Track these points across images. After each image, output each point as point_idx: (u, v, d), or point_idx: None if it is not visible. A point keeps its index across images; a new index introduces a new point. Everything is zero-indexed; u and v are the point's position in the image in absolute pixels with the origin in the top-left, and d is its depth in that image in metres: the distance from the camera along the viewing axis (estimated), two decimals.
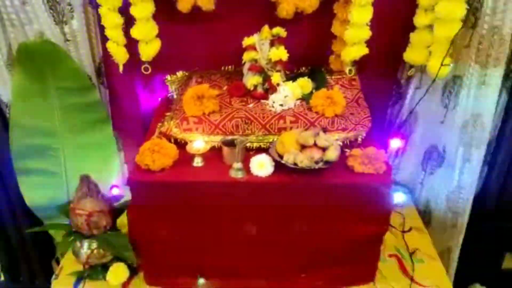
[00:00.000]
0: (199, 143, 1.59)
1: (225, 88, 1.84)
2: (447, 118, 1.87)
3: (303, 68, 1.95)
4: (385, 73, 1.97)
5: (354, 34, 1.72)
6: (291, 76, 1.83)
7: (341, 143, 1.62)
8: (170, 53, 1.85)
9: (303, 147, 1.53)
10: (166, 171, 1.54)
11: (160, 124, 1.74)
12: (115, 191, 1.95)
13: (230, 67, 1.96)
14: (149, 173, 1.53)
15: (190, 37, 1.88)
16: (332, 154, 1.47)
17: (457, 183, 1.88)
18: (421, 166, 2.06)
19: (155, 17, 1.75)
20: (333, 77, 1.91)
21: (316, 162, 1.46)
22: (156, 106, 1.97)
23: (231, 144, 1.57)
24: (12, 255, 2.23)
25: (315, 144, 1.51)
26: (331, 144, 1.51)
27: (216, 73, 1.93)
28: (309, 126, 1.65)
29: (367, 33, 1.72)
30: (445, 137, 1.89)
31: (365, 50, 1.75)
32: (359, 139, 1.66)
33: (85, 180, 1.72)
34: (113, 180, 2.02)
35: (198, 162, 1.59)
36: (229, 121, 1.65)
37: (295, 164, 1.47)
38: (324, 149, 1.51)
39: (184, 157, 1.58)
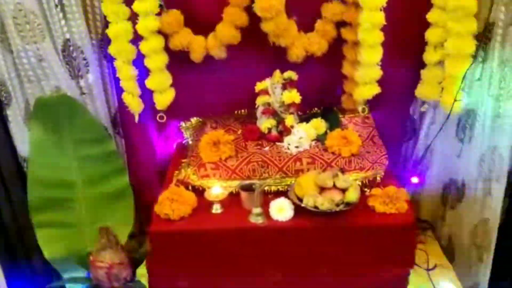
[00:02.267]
0: (217, 189, 1.59)
1: (239, 132, 1.85)
2: (464, 152, 1.84)
3: (316, 109, 1.95)
4: (398, 110, 1.98)
5: (365, 74, 1.74)
6: (304, 118, 1.84)
7: (360, 183, 1.60)
8: (184, 101, 1.88)
9: (322, 189, 1.52)
10: (186, 220, 1.54)
11: (177, 172, 1.74)
12: (133, 242, 1.93)
13: (243, 111, 1.98)
14: (169, 222, 1.52)
15: (203, 85, 1.91)
16: (353, 196, 1.46)
17: (480, 217, 1.83)
18: (441, 201, 2.02)
19: (168, 67, 1.78)
20: (346, 116, 1.92)
21: (337, 205, 1.44)
22: (171, 154, 1.97)
23: (249, 188, 1.57)
24: None
25: (334, 186, 1.50)
26: (351, 185, 1.50)
27: (229, 117, 1.95)
28: (326, 167, 1.64)
29: (377, 73, 1.73)
30: (463, 171, 1.86)
31: (377, 89, 1.77)
32: (378, 178, 1.64)
33: (105, 231, 1.70)
34: (131, 229, 2.00)
35: (217, 208, 1.58)
36: (245, 165, 1.65)
37: (316, 207, 1.46)
38: (343, 190, 1.49)
39: (203, 204, 1.58)
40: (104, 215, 1.88)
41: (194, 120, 1.98)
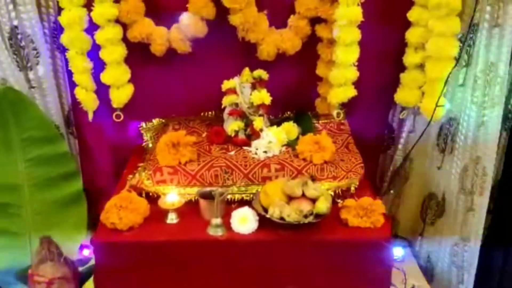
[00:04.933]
0: (173, 196, 1.44)
1: (204, 135, 1.71)
2: (445, 163, 1.73)
3: (288, 113, 1.84)
4: (375, 116, 1.87)
5: (340, 75, 1.61)
6: (275, 121, 1.73)
7: (332, 193, 1.47)
8: (145, 99, 1.75)
9: (290, 198, 1.38)
10: (135, 230, 1.38)
11: (131, 176, 1.58)
12: (85, 252, 1.78)
13: (210, 113, 1.85)
14: (116, 232, 1.36)
15: (165, 82, 1.78)
16: (323, 206, 1.32)
17: (461, 234, 1.71)
18: (420, 216, 1.90)
19: (127, 60, 1.65)
20: (320, 121, 1.81)
21: (305, 216, 1.30)
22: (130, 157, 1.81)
23: (209, 196, 1.41)
24: None
25: (303, 195, 1.36)
26: (321, 194, 1.35)
27: (195, 119, 1.82)
28: (296, 175, 1.50)
29: (353, 74, 1.61)
30: (444, 184, 1.75)
31: (352, 92, 1.64)
32: (352, 188, 1.51)
33: (45, 242, 1.53)
34: (83, 239, 1.83)
35: (172, 218, 1.43)
36: (207, 170, 1.50)
37: (282, 218, 1.31)
38: (313, 200, 1.35)
39: (157, 213, 1.43)
40: (54, 223, 1.76)
41: (155, 121, 1.84)
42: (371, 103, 1.79)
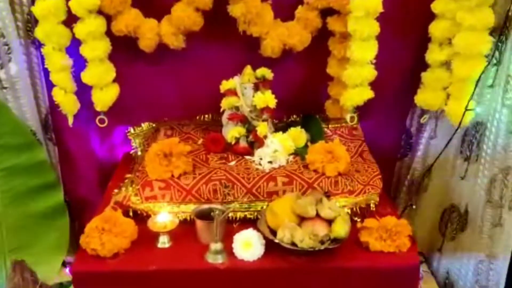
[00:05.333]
0: (164, 216, 1.25)
1: (200, 142, 1.54)
2: (469, 173, 1.57)
3: (294, 116, 1.67)
4: (391, 120, 1.70)
5: (356, 75, 1.44)
6: (280, 126, 1.57)
7: (349, 211, 1.29)
8: (132, 101, 1.59)
9: (302, 218, 1.19)
10: (121, 257, 1.20)
11: (116, 190, 1.38)
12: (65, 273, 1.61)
13: (207, 116, 1.68)
14: (98, 260, 1.18)
15: (156, 81, 1.60)
16: (341, 229, 1.13)
17: (486, 251, 1.55)
18: (439, 229, 1.74)
19: (112, 57, 1.49)
20: (330, 126, 1.64)
21: (322, 242, 1.11)
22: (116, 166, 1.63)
23: (207, 216, 1.24)
24: None
25: (317, 215, 1.17)
26: (338, 214, 1.16)
27: (189, 124, 1.65)
28: (306, 189, 1.32)
29: (371, 73, 1.44)
30: (468, 195, 1.59)
31: (369, 94, 1.47)
32: (372, 205, 1.33)
33: (18, 267, 1.35)
34: (65, 257, 1.66)
35: (164, 242, 1.24)
36: (204, 184, 1.33)
37: (293, 243, 1.12)
38: (329, 221, 1.16)
39: (146, 235, 1.24)
40: (31, 240, 1.62)
41: (145, 125, 1.66)
42: (387, 105, 1.62)
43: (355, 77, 1.43)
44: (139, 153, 1.59)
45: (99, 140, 1.69)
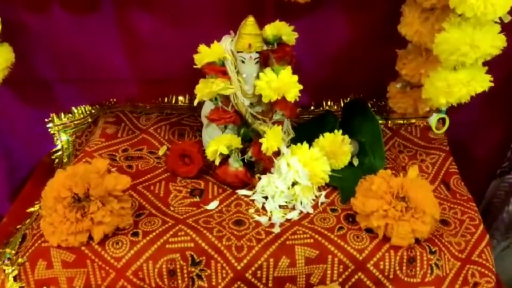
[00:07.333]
0: None
1: (163, 151, 0.88)
2: None
3: (330, 103, 0.99)
4: (492, 123, 1.02)
5: (467, 41, 0.70)
6: (302, 128, 0.89)
7: None
8: (55, 70, 0.93)
9: None
10: None
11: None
12: None
13: (181, 98, 1.00)
14: None
15: (95, 36, 0.90)
16: None
17: None
18: None
19: None
20: (389, 121, 0.96)
21: None
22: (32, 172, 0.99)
23: None
24: None
25: None
26: None
27: (150, 111, 0.98)
28: (354, 272, 0.67)
29: (502, 40, 0.70)
30: None
31: (486, 81, 0.75)
32: None
33: None
34: None
35: None
36: (152, 261, 0.67)
37: None
38: None
39: None
40: None
41: (77, 111, 0.97)
42: (487, 97, 0.90)
43: (464, 47, 0.70)
44: (65, 159, 0.95)
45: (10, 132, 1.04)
